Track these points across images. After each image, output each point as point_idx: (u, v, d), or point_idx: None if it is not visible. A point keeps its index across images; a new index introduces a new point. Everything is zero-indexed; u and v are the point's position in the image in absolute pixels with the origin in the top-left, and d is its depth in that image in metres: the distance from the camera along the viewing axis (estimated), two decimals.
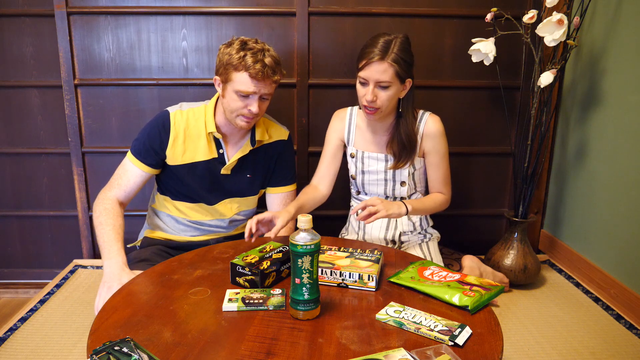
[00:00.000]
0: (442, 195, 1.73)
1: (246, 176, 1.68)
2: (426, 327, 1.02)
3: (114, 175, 1.62)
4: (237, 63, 1.46)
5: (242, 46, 1.48)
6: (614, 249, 1.91)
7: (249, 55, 1.45)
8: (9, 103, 2.12)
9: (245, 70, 1.46)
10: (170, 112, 1.60)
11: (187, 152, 1.60)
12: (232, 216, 1.72)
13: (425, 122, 1.66)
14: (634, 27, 1.79)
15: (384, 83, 1.52)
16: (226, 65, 1.48)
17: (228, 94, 1.52)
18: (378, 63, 1.50)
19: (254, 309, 1.10)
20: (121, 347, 0.90)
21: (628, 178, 1.82)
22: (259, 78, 1.46)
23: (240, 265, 1.20)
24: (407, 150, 1.65)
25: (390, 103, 1.58)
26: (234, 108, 1.52)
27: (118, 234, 1.49)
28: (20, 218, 2.25)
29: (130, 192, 1.61)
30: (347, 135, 1.76)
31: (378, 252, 1.31)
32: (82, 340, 1.65)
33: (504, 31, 1.89)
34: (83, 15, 2.03)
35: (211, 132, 1.58)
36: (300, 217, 1.03)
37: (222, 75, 1.51)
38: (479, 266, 1.91)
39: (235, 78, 1.48)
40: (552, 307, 1.88)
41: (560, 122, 2.22)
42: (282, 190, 1.75)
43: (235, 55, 1.46)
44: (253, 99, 1.50)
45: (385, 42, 1.52)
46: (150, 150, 1.59)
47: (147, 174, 1.61)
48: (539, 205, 2.33)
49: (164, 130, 1.59)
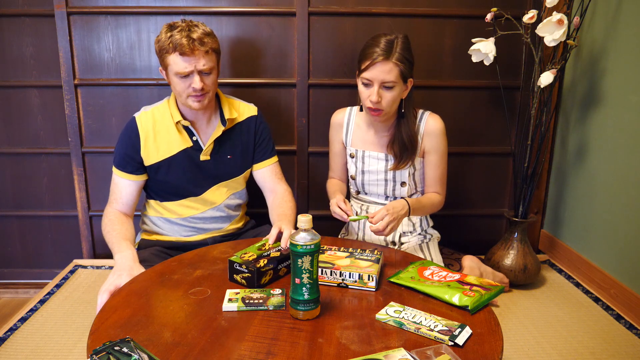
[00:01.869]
0: (438, 195, 1.73)
1: (227, 157, 1.69)
2: (426, 327, 1.02)
3: (110, 191, 1.66)
4: (166, 46, 1.49)
5: (168, 28, 1.52)
6: (614, 249, 1.91)
7: (175, 34, 1.48)
8: (9, 103, 2.12)
9: (174, 51, 1.48)
10: (136, 116, 1.64)
11: (160, 148, 1.63)
12: (224, 201, 1.72)
13: (425, 121, 1.67)
14: (634, 27, 1.79)
15: (388, 83, 1.51)
16: (160, 51, 1.53)
17: (172, 79, 1.55)
18: (383, 63, 1.49)
19: (253, 308, 1.10)
20: (121, 347, 0.90)
21: (628, 178, 1.82)
22: (188, 53, 1.48)
23: (238, 263, 1.22)
24: (408, 151, 1.65)
25: (395, 104, 1.57)
26: (180, 91, 1.55)
27: (125, 235, 1.52)
28: (20, 218, 2.25)
29: (128, 203, 1.64)
30: (345, 136, 1.76)
31: (378, 252, 1.31)
32: (82, 340, 1.65)
33: (504, 31, 1.89)
34: (83, 15, 2.03)
35: (178, 121, 1.60)
36: (300, 217, 1.03)
37: (162, 63, 1.56)
38: (479, 266, 1.91)
39: (170, 61, 1.51)
40: (552, 307, 1.88)
41: (560, 122, 2.22)
42: (267, 164, 1.75)
43: (164, 39, 1.50)
44: (192, 76, 1.52)
45: (387, 42, 1.51)
46: (127, 158, 1.62)
47: (135, 182, 1.64)
48: (539, 205, 2.33)
49: (133, 134, 1.61)
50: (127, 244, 1.48)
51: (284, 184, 1.75)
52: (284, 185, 1.75)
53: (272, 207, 1.69)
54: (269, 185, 1.74)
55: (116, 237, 1.51)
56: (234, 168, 1.71)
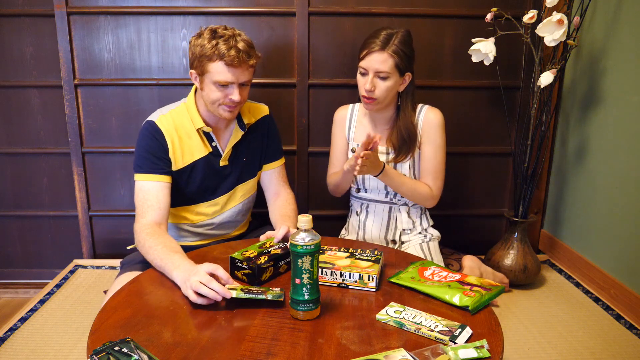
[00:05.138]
0: (427, 187, 1.69)
1: (242, 160, 1.65)
2: (426, 327, 1.02)
3: (137, 207, 1.48)
4: (210, 53, 1.42)
5: (212, 35, 1.43)
6: (613, 249, 1.91)
7: (221, 43, 1.41)
8: (9, 103, 2.12)
9: (220, 60, 1.42)
10: (155, 120, 1.54)
11: (185, 153, 1.56)
12: (236, 205, 1.68)
13: (424, 114, 1.68)
14: (634, 27, 1.79)
15: (382, 73, 1.55)
16: (200, 57, 1.44)
17: (207, 86, 1.48)
18: (378, 53, 1.54)
19: (252, 296, 1.09)
20: (121, 347, 0.90)
21: (628, 178, 1.82)
22: (235, 65, 1.42)
23: (239, 259, 1.24)
24: (407, 144, 1.66)
25: (389, 94, 1.59)
26: (214, 99, 1.48)
27: (172, 248, 1.33)
28: (20, 218, 2.25)
29: (162, 209, 1.47)
30: (348, 132, 1.77)
31: (378, 252, 1.31)
32: (82, 340, 1.65)
33: (504, 31, 1.89)
34: (83, 15, 2.03)
35: (200, 127, 1.55)
36: (300, 217, 1.03)
37: (198, 68, 1.47)
38: (479, 266, 1.91)
39: (212, 69, 1.44)
40: (552, 307, 1.88)
41: (560, 122, 2.22)
42: (276, 165, 1.72)
43: (208, 45, 1.42)
44: (233, 87, 1.46)
45: (387, 35, 1.56)
46: (156, 159, 1.51)
47: (168, 184, 1.51)
48: (539, 205, 2.33)
49: (158, 136, 1.52)
50: (178, 256, 1.28)
51: (289, 188, 1.74)
52: (289, 189, 1.73)
53: (274, 209, 1.67)
54: (274, 187, 1.72)
55: (162, 252, 1.31)
56: (250, 170, 1.68)
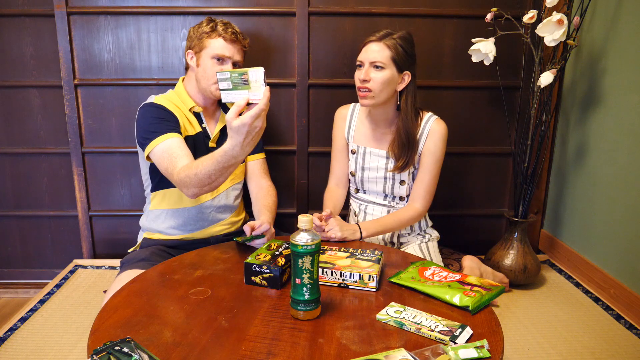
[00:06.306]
0: (415, 210, 1.69)
1: None
2: (427, 327, 1.02)
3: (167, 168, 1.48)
4: (210, 31, 1.61)
5: (210, 20, 1.65)
6: (614, 249, 1.91)
7: (219, 24, 1.63)
8: (9, 103, 2.12)
9: (219, 36, 1.61)
10: (152, 100, 1.63)
11: (185, 125, 1.66)
12: (227, 189, 1.75)
13: (431, 124, 1.66)
14: (634, 27, 1.79)
15: (378, 63, 1.56)
16: (199, 36, 1.62)
17: (203, 62, 1.62)
18: (375, 43, 1.57)
19: None
20: (121, 347, 0.90)
21: (628, 178, 1.82)
22: (232, 40, 1.62)
23: (257, 264, 1.20)
24: (407, 149, 1.64)
25: (385, 88, 1.57)
26: (210, 74, 1.61)
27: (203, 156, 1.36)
28: (20, 218, 2.25)
29: (190, 157, 1.49)
30: (348, 132, 1.77)
31: (378, 252, 1.31)
32: (82, 340, 1.65)
33: (504, 31, 1.89)
34: (83, 15, 2.03)
35: (192, 107, 1.66)
36: (300, 217, 1.03)
37: (196, 46, 1.63)
38: (479, 266, 1.91)
39: (211, 44, 1.61)
40: (552, 307, 1.88)
41: (560, 122, 2.23)
42: (258, 157, 1.83)
43: (207, 27, 1.62)
44: (228, 63, 1.63)
45: (387, 31, 1.59)
46: (167, 122, 1.55)
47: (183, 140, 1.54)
48: (539, 205, 2.33)
49: (164, 109, 1.60)
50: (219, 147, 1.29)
51: (270, 180, 1.85)
52: (270, 182, 1.84)
53: (256, 199, 1.78)
54: (257, 178, 1.82)
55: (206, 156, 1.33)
56: None
